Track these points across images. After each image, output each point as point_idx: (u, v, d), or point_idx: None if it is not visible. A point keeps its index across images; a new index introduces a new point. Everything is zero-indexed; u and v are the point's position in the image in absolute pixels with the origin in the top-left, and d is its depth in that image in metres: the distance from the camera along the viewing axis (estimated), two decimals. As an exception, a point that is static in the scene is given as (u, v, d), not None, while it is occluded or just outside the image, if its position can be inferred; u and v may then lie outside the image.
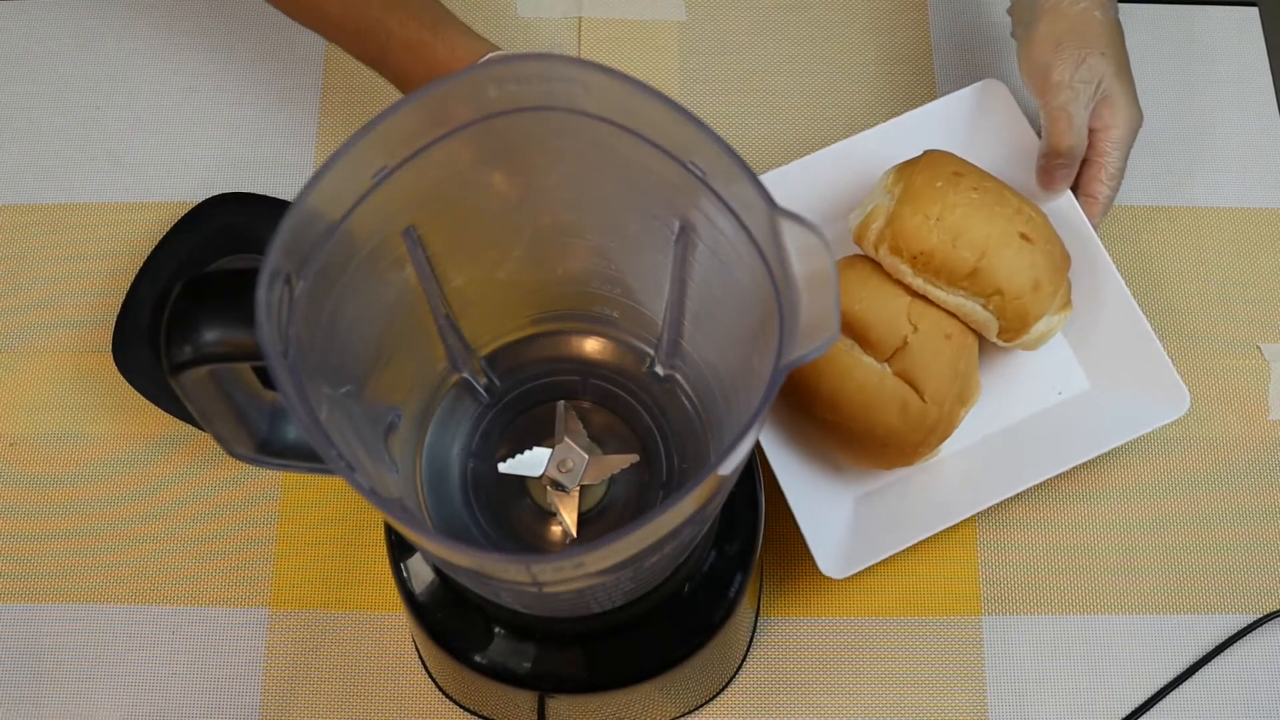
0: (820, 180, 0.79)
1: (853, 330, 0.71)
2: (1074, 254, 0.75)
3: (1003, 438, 0.76)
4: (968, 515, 0.72)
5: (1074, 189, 0.77)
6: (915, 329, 0.71)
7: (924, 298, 0.72)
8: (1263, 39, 0.90)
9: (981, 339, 0.74)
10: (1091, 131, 0.76)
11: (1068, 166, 0.76)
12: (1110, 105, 0.76)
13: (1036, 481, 0.72)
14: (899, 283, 0.72)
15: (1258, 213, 0.85)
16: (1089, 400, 0.76)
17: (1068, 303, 0.74)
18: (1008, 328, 0.72)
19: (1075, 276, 0.76)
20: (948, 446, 0.74)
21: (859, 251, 0.75)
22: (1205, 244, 0.85)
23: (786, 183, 0.77)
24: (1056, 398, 0.77)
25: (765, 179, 0.79)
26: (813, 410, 0.72)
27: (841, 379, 0.71)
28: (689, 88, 0.88)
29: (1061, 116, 0.75)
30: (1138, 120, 0.77)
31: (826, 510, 0.73)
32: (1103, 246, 0.76)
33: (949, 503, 0.72)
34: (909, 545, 0.71)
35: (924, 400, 0.70)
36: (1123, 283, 0.76)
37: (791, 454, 0.74)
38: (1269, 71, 0.89)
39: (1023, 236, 0.71)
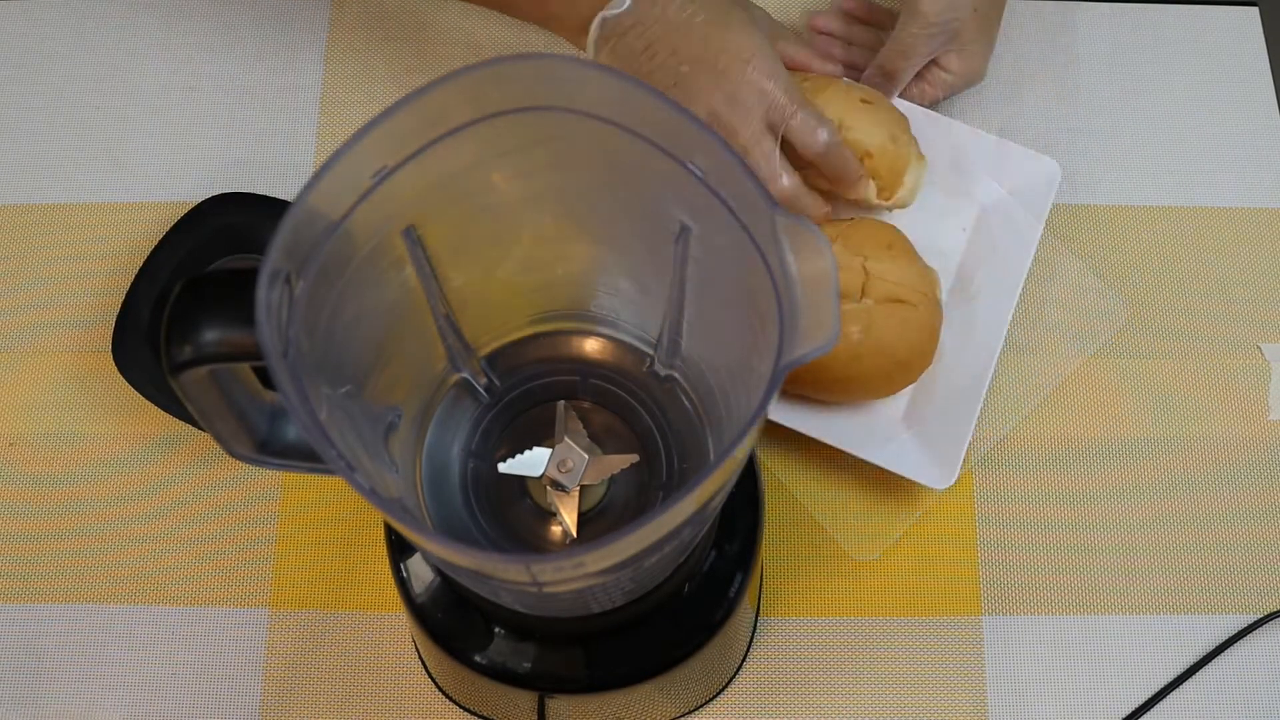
0: None
1: None
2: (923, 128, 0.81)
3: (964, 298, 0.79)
4: (997, 352, 0.75)
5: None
6: (866, 275, 0.74)
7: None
8: (1263, 39, 0.90)
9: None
10: (932, 64, 0.81)
11: (891, 81, 0.81)
12: (961, 56, 0.81)
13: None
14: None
15: (1258, 213, 0.85)
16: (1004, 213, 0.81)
17: (921, 155, 0.79)
18: (884, 185, 0.77)
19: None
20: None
21: None
22: (1205, 244, 0.85)
23: None
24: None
25: None
26: (824, 383, 0.74)
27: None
28: (689, 88, 0.88)
29: (902, 49, 0.79)
30: (978, 78, 0.83)
31: (890, 444, 0.76)
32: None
33: (975, 352, 0.76)
34: (979, 406, 0.74)
35: (913, 305, 0.73)
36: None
37: (822, 420, 0.76)
38: (1269, 71, 0.89)
39: (864, 101, 0.77)
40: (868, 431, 0.76)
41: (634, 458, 0.59)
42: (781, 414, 0.76)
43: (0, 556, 0.77)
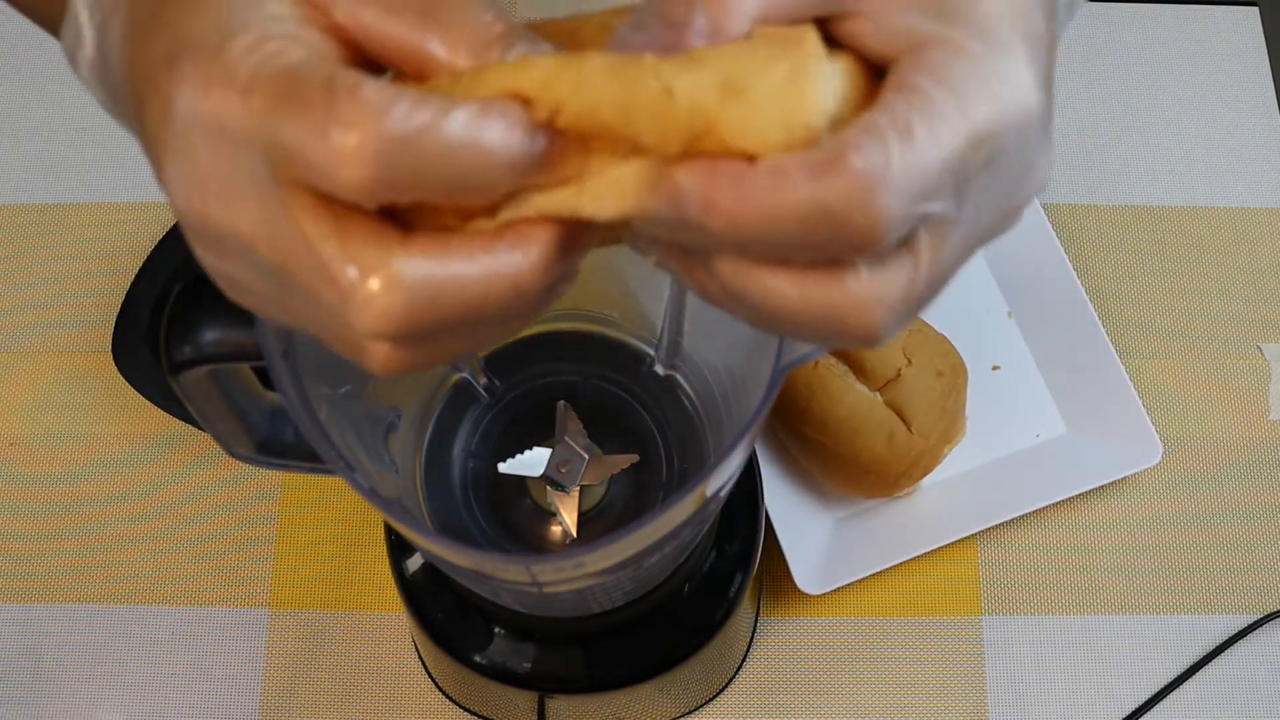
0: None
1: (848, 357, 0.73)
2: (1056, 300, 0.78)
3: (980, 474, 0.77)
4: (941, 545, 0.74)
5: None
6: (909, 363, 0.72)
7: (919, 333, 0.74)
8: (1263, 39, 0.90)
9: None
10: None
11: None
12: None
13: (1009, 518, 0.74)
14: None
15: (1258, 212, 0.85)
16: (1065, 444, 0.78)
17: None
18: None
19: (1059, 324, 0.78)
20: (927, 480, 0.76)
21: None
22: (1205, 244, 0.85)
23: None
24: (1035, 440, 0.78)
25: None
26: (802, 430, 0.73)
27: (833, 402, 0.72)
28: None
29: None
30: None
31: (807, 528, 0.75)
32: (1086, 295, 0.78)
33: (924, 532, 0.74)
34: (883, 569, 0.73)
35: (911, 432, 0.71)
36: (1103, 332, 0.77)
37: (778, 472, 0.77)
38: (1269, 71, 0.89)
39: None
40: (810, 506, 0.77)
41: (634, 458, 0.59)
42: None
43: (0, 556, 0.77)
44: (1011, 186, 0.32)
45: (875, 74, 0.32)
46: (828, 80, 0.29)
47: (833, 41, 0.32)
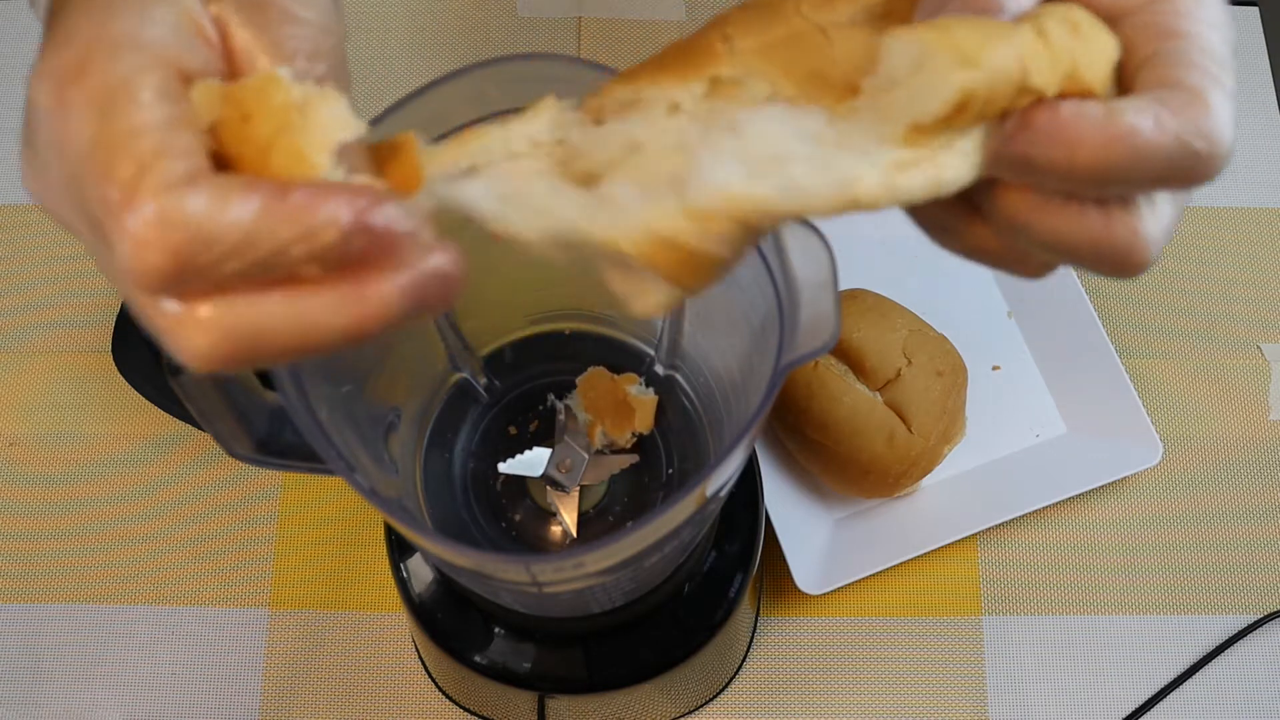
0: None
1: (848, 357, 0.73)
2: (1056, 300, 0.78)
3: (980, 474, 0.77)
4: (940, 545, 0.74)
5: None
6: (909, 363, 0.72)
7: (919, 333, 0.73)
8: (1263, 39, 0.90)
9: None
10: None
11: None
12: None
13: (1009, 518, 0.74)
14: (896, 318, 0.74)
15: (1258, 212, 0.85)
16: (1065, 444, 0.78)
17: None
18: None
19: (1059, 324, 0.78)
20: (927, 480, 0.76)
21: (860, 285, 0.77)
22: (1205, 244, 0.85)
23: None
24: (1034, 439, 0.78)
25: None
26: (802, 430, 0.73)
27: (833, 402, 0.72)
28: (689, 88, 0.88)
29: None
30: None
31: (807, 528, 0.75)
32: (1086, 295, 0.78)
33: (923, 532, 0.74)
34: (882, 569, 0.73)
35: (911, 432, 0.71)
36: (1103, 332, 0.77)
37: (778, 472, 0.77)
38: (1269, 71, 0.89)
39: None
40: (810, 507, 0.77)
41: (634, 458, 0.59)
42: None
43: (0, 556, 0.77)
44: None
45: None
46: None
47: None
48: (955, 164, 0.33)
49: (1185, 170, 0.33)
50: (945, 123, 0.33)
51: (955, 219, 0.37)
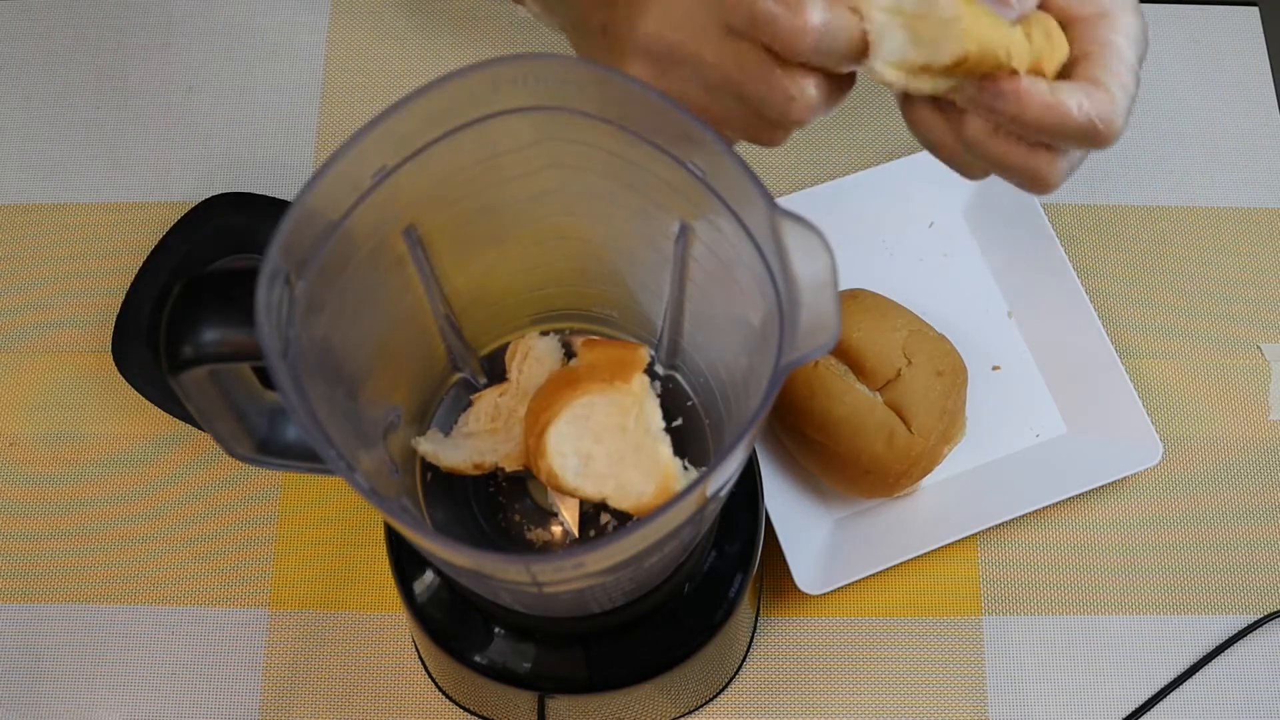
0: (850, 205, 0.81)
1: (848, 357, 0.73)
2: (1056, 300, 0.79)
3: (980, 474, 0.77)
4: (940, 545, 0.74)
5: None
6: (909, 363, 0.72)
7: (919, 333, 0.74)
8: (1263, 39, 0.90)
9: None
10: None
11: None
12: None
13: (1009, 518, 0.74)
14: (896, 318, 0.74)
15: (1258, 212, 0.85)
16: (1065, 444, 0.78)
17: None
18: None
19: (1059, 324, 0.79)
20: (927, 480, 0.76)
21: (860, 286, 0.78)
22: (1205, 244, 0.85)
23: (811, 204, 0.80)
24: (1034, 440, 0.78)
25: (790, 200, 0.80)
26: (802, 430, 0.73)
27: (833, 402, 0.72)
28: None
29: None
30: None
31: (807, 528, 0.75)
32: (1086, 295, 0.78)
33: (923, 532, 0.74)
34: (883, 569, 0.73)
35: (911, 432, 0.71)
36: (1104, 332, 0.77)
37: (777, 472, 0.77)
38: (1269, 71, 0.89)
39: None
40: (810, 507, 0.77)
41: (634, 458, 0.59)
42: None
43: (0, 556, 0.77)
44: None
45: None
46: None
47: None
48: (927, 87, 0.50)
49: (1089, 138, 0.49)
50: (946, 71, 0.48)
51: (933, 115, 0.52)
